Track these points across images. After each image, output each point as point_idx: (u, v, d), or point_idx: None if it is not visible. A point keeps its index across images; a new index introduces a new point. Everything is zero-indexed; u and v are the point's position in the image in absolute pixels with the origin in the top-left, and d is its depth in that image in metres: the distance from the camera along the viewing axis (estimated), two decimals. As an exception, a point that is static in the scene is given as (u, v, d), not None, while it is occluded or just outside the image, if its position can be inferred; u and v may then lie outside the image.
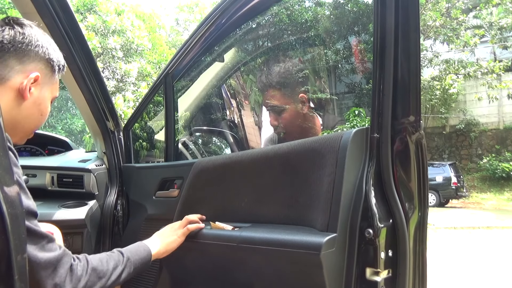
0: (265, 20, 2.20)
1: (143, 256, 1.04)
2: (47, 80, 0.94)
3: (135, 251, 1.03)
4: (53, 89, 0.97)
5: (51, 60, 0.94)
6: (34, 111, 0.92)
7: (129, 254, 1.00)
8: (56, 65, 0.95)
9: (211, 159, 1.42)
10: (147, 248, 1.07)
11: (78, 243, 1.67)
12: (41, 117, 0.95)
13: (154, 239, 1.14)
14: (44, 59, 0.92)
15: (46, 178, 1.82)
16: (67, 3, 1.35)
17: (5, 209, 0.61)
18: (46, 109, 0.95)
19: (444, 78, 13.15)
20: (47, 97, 0.95)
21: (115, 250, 1.00)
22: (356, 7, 2.89)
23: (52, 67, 0.94)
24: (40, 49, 0.91)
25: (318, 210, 1.01)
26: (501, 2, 12.23)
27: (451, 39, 12.54)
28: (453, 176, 12.39)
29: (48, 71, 0.94)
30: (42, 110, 0.94)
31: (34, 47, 0.90)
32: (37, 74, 0.89)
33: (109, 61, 9.25)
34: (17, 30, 0.89)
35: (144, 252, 1.05)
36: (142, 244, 1.08)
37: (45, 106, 0.95)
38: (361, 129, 1.00)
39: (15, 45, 0.87)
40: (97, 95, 1.66)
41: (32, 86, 0.89)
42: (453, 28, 12.40)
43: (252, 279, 1.16)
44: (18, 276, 0.63)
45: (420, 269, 0.98)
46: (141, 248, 1.06)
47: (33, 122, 0.93)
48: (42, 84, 0.92)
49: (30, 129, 0.95)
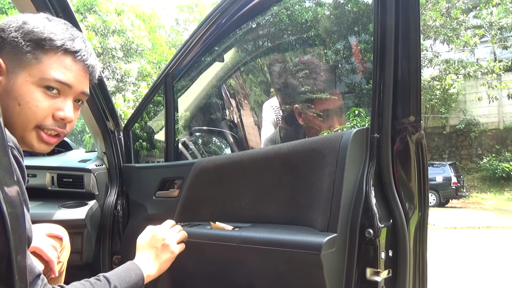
0: (265, 20, 2.20)
1: (134, 282, 0.91)
2: (14, 62, 0.78)
3: (125, 277, 0.90)
4: (33, 70, 0.78)
5: (17, 38, 0.78)
6: (8, 102, 0.77)
7: (116, 283, 0.86)
8: (27, 41, 0.78)
9: (211, 159, 1.42)
10: (139, 272, 0.94)
11: (78, 243, 1.67)
12: (20, 107, 0.77)
13: (147, 259, 1.01)
14: (8, 40, 0.78)
15: (46, 178, 1.82)
16: (67, 3, 1.35)
17: (5, 209, 0.60)
18: (24, 96, 0.78)
19: (444, 78, 13.16)
20: (21, 82, 0.78)
21: (102, 277, 0.86)
22: (356, 7, 2.89)
23: (20, 45, 0.78)
24: (9, 29, 0.78)
25: (318, 210, 1.01)
26: (501, 2, 12.23)
27: (451, 39, 12.54)
28: (453, 176, 12.40)
29: (15, 52, 0.78)
30: (17, 98, 0.77)
31: (3, 31, 0.78)
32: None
33: (109, 61, 9.24)
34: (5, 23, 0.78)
35: (135, 277, 0.92)
36: (133, 267, 0.95)
37: (20, 92, 0.77)
38: (361, 129, 1.00)
39: None
40: (97, 95, 1.66)
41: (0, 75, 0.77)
42: (453, 28, 12.41)
43: (252, 279, 1.16)
44: (18, 276, 0.62)
45: (420, 269, 0.98)
46: (132, 273, 0.93)
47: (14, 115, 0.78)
48: (11, 69, 0.78)
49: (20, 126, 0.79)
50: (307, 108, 1.73)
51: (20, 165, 0.69)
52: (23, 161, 0.71)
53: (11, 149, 0.67)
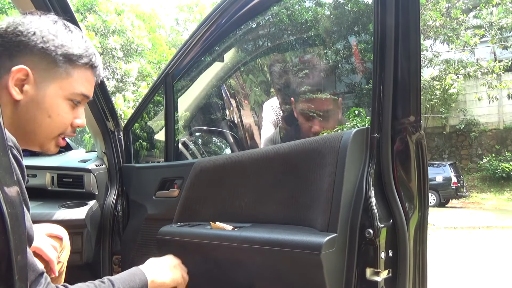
0: (265, 20, 2.20)
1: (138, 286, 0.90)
2: (46, 73, 0.79)
3: (129, 281, 0.88)
4: (64, 84, 0.81)
5: (47, 49, 0.78)
6: (36, 112, 0.79)
7: (120, 287, 0.85)
8: (57, 54, 0.79)
9: (211, 159, 1.42)
10: (144, 277, 0.92)
11: (78, 243, 1.67)
12: (50, 119, 0.80)
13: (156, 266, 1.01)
14: (36, 49, 0.78)
15: (46, 178, 1.82)
16: (67, 3, 1.35)
17: (5, 209, 0.60)
18: (55, 109, 0.80)
19: (444, 78, 13.16)
20: (51, 95, 0.80)
21: (106, 280, 0.85)
22: (356, 7, 2.88)
23: (51, 57, 0.79)
24: (33, 37, 0.77)
25: (318, 210, 1.01)
26: (501, 2, 12.23)
27: (451, 39, 12.54)
28: (453, 176, 12.40)
29: (47, 63, 0.79)
30: (48, 110, 0.80)
31: (25, 36, 0.77)
32: (21, 67, 0.76)
33: (109, 61, 9.24)
34: (15, 20, 0.78)
35: (139, 282, 0.91)
36: (138, 273, 0.93)
37: (51, 105, 0.80)
38: (361, 129, 1.00)
39: (6, 38, 0.76)
40: (97, 95, 1.66)
41: (25, 83, 0.77)
42: (453, 28, 12.40)
43: (252, 279, 1.16)
44: (18, 276, 0.63)
45: (420, 269, 0.98)
46: (137, 278, 0.91)
47: (42, 126, 0.80)
48: (39, 79, 0.78)
49: (44, 134, 0.82)
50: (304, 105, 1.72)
51: (20, 165, 0.69)
52: (23, 161, 0.71)
53: (11, 149, 0.67)
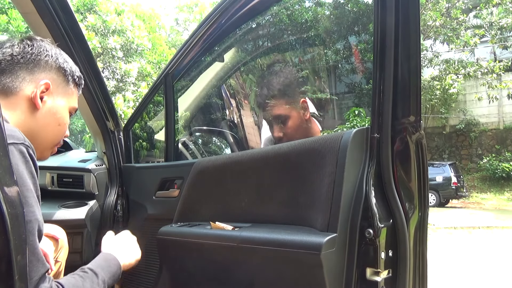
0: (265, 20, 2.20)
1: (114, 271, 0.96)
2: (60, 89, 0.95)
3: (107, 267, 0.94)
4: (70, 99, 0.98)
5: (63, 69, 0.95)
6: (50, 120, 0.92)
7: (103, 274, 0.90)
8: (69, 75, 0.97)
9: (211, 159, 1.42)
10: (117, 262, 0.99)
11: (78, 243, 1.67)
12: (59, 127, 0.95)
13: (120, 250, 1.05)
14: (54, 68, 0.93)
15: (46, 178, 1.82)
16: (67, 3, 1.35)
17: (5, 209, 0.60)
18: (63, 119, 0.95)
19: (444, 78, 13.16)
20: (62, 107, 0.95)
21: (87, 269, 0.89)
22: (356, 7, 2.88)
23: (65, 77, 0.96)
24: (50, 58, 0.93)
25: (318, 210, 1.01)
26: (501, 2, 12.23)
27: (451, 39, 12.54)
28: (453, 176, 12.39)
29: (61, 81, 0.95)
30: (59, 119, 0.94)
31: (43, 56, 0.92)
32: (46, 82, 0.90)
33: (109, 61, 9.24)
34: (26, 43, 0.91)
35: (115, 267, 0.97)
36: (111, 258, 0.99)
37: (61, 115, 0.95)
38: (361, 129, 1.00)
39: (24, 57, 0.90)
40: (97, 95, 1.66)
41: (44, 95, 0.90)
42: (453, 28, 12.41)
43: (252, 279, 1.16)
44: (18, 276, 0.63)
45: (420, 269, 0.98)
46: (111, 263, 0.97)
47: (51, 132, 0.93)
48: (55, 93, 0.93)
49: (50, 141, 0.95)
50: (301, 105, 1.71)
51: (35, 163, 0.78)
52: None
53: (27, 148, 0.75)
